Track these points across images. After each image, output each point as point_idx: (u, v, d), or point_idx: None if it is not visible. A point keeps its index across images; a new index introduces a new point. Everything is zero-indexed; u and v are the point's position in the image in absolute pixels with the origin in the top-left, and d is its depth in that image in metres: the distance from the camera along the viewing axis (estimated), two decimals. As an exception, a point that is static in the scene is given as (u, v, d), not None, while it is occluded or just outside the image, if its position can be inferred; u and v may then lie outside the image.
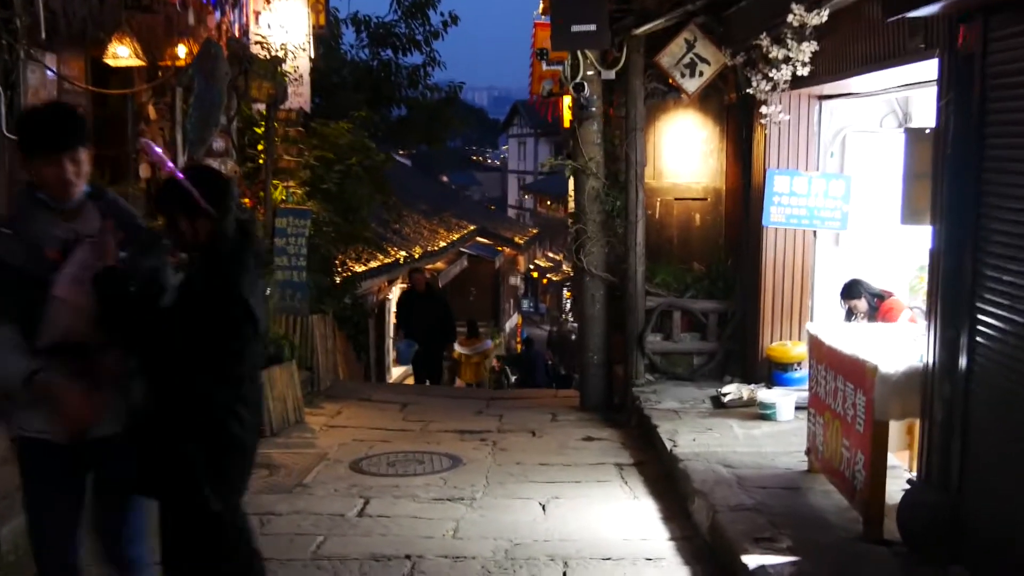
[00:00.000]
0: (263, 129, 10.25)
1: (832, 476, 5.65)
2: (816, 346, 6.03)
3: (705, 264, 9.84)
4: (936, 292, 4.73)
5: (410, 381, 18.01)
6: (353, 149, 11.44)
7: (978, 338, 4.39)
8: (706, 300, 9.29)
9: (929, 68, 5.51)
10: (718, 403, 8.21)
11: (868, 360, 5.04)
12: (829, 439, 5.68)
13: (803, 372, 8.30)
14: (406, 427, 8.87)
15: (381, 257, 17.90)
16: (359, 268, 14.71)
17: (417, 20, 17.91)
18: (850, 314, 7.62)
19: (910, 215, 5.13)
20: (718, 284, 9.30)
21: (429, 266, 18.56)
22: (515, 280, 35.10)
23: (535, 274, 41.45)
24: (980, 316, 4.38)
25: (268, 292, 9.07)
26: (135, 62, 8.23)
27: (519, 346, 33.20)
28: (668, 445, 7.03)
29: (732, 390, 8.31)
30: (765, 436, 7.22)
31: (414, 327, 13.50)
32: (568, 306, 44.07)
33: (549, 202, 52.70)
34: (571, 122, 9.40)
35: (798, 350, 8.36)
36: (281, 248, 10.21)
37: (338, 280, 12.49)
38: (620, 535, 5.75)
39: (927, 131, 5.04)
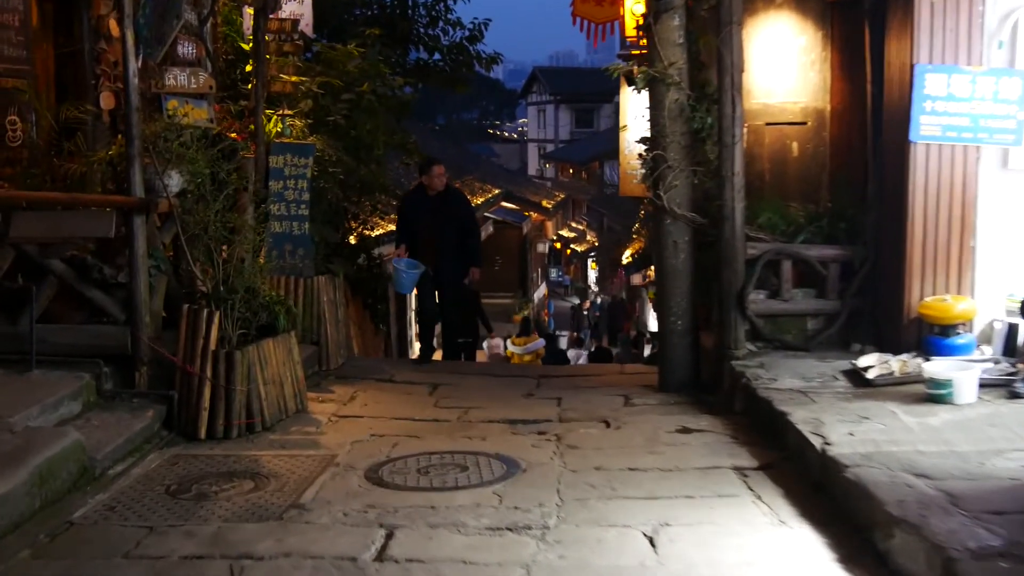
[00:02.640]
0: (251, 44, 8.19)
1: None
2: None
3: (805, 204, 7.75)
4: None
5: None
6: (364, 75, 9.35)
7: None
8: (825, 245, 7.16)
9: None
10: (859, 380, 6.12)
11: None
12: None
13: (970, 336, 6.22)
14: (439, 416, 6.83)
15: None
16: (377, 231, 12.63)
17: (435, -58, 15.73)
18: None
19: None
20: (839, 225, 7.17)
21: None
22: (543, 247, 33.05)
23: (558, 245, 39.48)
24: None
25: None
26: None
27: (545, 315, 31.26)
28: (815, 442, 4.95)
29: (874, 361, 6.23)
30: (949, 427, 5.12)
31: (422, 243, 9.10)
32: (595, 278, 42.10)
33: (572, 170, 50.69)
34: (645, 17, 7.25)
35: (963, 307, 6.27)
36: (278, 193, 8.22)
37: (352, 238, 10.42)
38: (785, 592, 3.70)
39: None
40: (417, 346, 10.76)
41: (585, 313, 25.64)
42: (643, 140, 7.45)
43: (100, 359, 6.06)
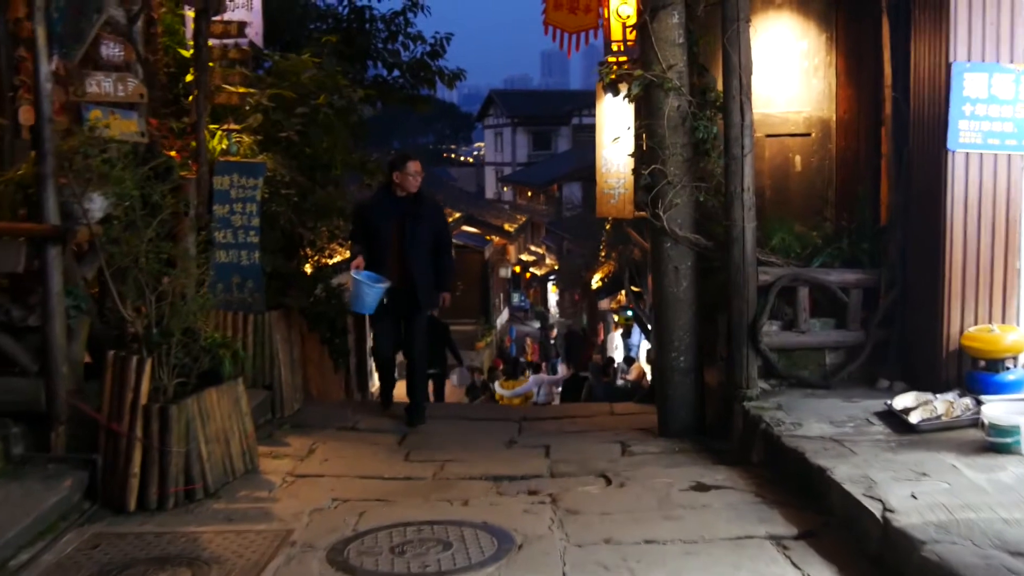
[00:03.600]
0: (191, 51, 7.28)
1: None
2: None
3: (814, 223, 7.00)
4: None
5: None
6: (320, 86, 8.43)
7: None
8: (845, 269, 6.38)
9: None
10: (899, 424, 5.30)
11: None
12: None
13: (1021, 371, 5.44)
14: (411, 473, 5.92)
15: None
16: (336, 259, 11.68)
17: (395, -47, 14.82)
18: None
19: None
20: (861, 245, 6.39)
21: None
22: (505, 272, 32.18)
23: (517, 268, 38.64)
24: None
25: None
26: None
27: (508, 342, 30.39)
28: (873, 508, 4.10)
29: (912, 402, 5.43)
30: (1025, 484, 4.32)
31: (386, 255, 7.22)
32: (555, 301, 41.27)
33: (530, 193, 50.04)
34: (640, 15, 6.45)
35: (1013, 338, 5.51)
36: (223, 218, 7.28)
37: (308, 267, 9.46)
38: None
39: None
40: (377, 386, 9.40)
41: (552, 342, 24.63)
42: (638, 153, 6.62)
43: (8, 418, 5.08)
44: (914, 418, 5.21)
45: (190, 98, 7.44)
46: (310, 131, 8.24)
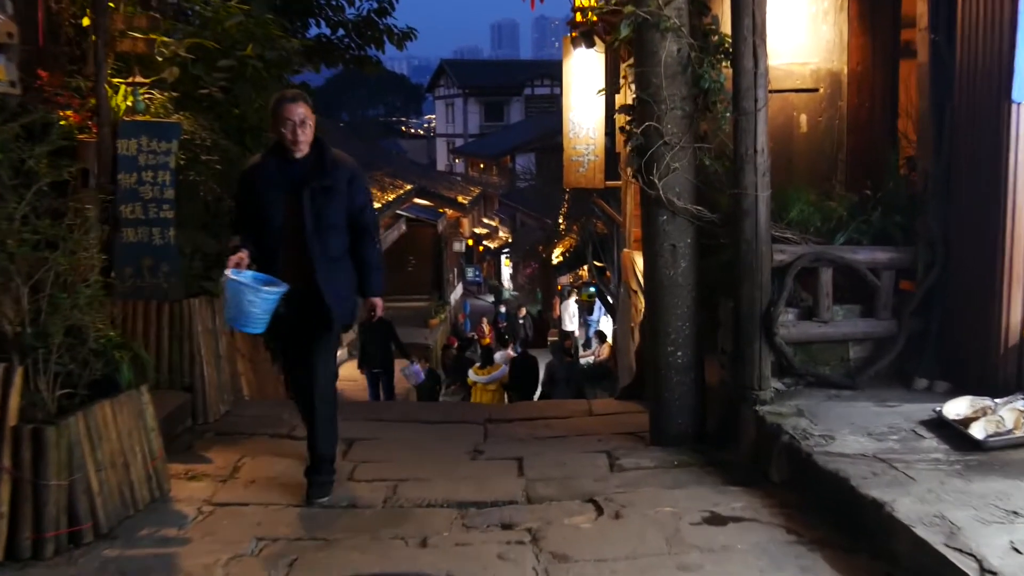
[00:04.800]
0: (89, -12, 6.09)
1: None
2: None
3: (815, 193, 6.00)
4: None
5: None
6: (249, 36, 7.25)
7: None
8: (875, 247, 5.37)
9: None
10: (957, 438, 4.31)
11: None
12: None
13: (1098, 371, 4.46)
14: (357, 498, 4.85)
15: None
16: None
17: None
18: None
19: None
20: (893, 218, 5.38)
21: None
22: (459, 246, 31.02)
23: (470, 242, 37.63)
24: None
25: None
26: None
27: (461, 318, 29.30)
28: (965, 568, 3.11)
29: (967, 409, 4.46)
30: None
31: (275, 244, 4.73)
32: (508, 274, 40.21)
33: (482, 165, 49.05)
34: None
35: (1088, 331, 4.51)
36: (130, 190, 6.12)
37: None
38: None
39: None
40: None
41: (521, 321, 23.41)
42: (626, 108, 5.57)
43: None
44: (978, 432, 4.23)
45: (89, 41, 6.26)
46: (237, 88, 7.09)
